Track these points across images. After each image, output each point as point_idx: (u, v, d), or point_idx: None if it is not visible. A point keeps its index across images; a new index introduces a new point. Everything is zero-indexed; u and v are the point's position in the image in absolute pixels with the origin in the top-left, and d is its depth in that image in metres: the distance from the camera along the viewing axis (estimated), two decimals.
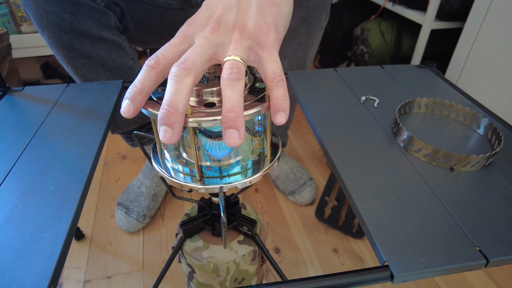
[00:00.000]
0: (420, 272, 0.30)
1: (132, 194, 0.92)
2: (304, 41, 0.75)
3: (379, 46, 1.32)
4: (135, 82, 0.29)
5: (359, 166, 0.41)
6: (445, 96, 0.56)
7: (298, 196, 0.97)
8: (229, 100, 0.27)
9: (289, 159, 1.05)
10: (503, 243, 0.32)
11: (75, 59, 0.66)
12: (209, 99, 0.31)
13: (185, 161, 0.36)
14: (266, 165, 0.36)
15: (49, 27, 0.61)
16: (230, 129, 0.27)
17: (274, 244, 0.87)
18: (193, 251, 0.48)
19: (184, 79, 0.27)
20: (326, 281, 0.30)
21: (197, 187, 0.34)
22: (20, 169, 0.39)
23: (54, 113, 0.50)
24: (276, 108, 0.29)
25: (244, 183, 0.35)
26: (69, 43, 0.64)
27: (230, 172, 0.35)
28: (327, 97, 0.54)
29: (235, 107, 0.27)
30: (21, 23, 1.23)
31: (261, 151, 0.38)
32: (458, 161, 0.40)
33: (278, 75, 0.29)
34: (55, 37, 0.62)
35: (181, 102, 0.27)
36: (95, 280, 0.78)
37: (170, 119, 0.27)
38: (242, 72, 0.28)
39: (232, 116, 0.27)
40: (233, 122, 0.27)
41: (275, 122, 0.29)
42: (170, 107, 0.26)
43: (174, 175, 0.35)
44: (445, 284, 0.78)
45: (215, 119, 0.29)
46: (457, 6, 1.06)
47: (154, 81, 0.29)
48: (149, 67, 0.29)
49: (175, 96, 0.27)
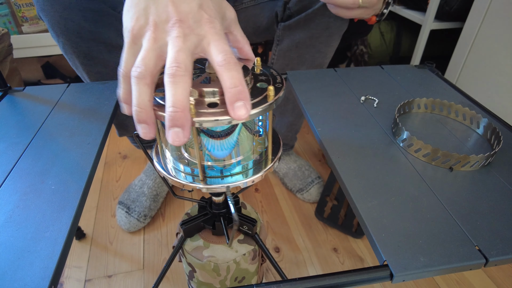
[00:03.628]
0: (420, 271, 0.30)
1: (134, 194, 0.93)
2: (323, 50, 0.75)
3: (379, 46, 1.32)
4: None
5: (358, 166, 0.41)
6: (444, 96, 0.56)
7: (306, 194, 0.98)
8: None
9: (297, 157, 1.06)
10: (502, 243, 0.32)
11: (91, 66, 0.66)
12: (211, 100, 0.31)
13: (187, 161, 0.37)
14: (267, 165, 0.37)
15: (66, 35, 0.60)
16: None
17: (274, 244, 0.87)
18: (193, 250, 0.48)
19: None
20: (326, 281, 0.30)
21: (199, 187, 0.34)
22: (21, 169, 0.39)
23: (55, 113, 0.50)
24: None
25: (245, 183, 0.35)
26: (87, 51, 0.63)
27: (231, 172, 0.36)
28: (327, 97, 0.54)
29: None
30: (22, 23, 1.23)
31: (263, 150, 0.38)
32: (458, 161, 0.40)
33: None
34: (71, 44, 0.61)
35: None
36: (96, 279, 0.78)
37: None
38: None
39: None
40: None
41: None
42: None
43: (176, 175, 0.36)
44: (445, 283, 0.78)
45: (219, 120, 0.28)
46: (456, 6, 1.07)
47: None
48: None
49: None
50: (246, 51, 0.36)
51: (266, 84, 0.33)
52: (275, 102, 0.31)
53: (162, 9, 0.29)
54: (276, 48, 0.78)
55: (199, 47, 0.29)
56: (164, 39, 0.29)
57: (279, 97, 0.32)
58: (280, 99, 0.32)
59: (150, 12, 0.29)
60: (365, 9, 0.56)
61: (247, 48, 0.36)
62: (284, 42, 0.75)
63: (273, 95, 0.31)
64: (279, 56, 0.78)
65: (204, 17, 0.29)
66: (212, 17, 0.30)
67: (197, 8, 0.29)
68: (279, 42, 0.76)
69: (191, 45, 0.28)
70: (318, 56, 0.76)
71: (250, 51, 0.37)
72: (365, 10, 0.56)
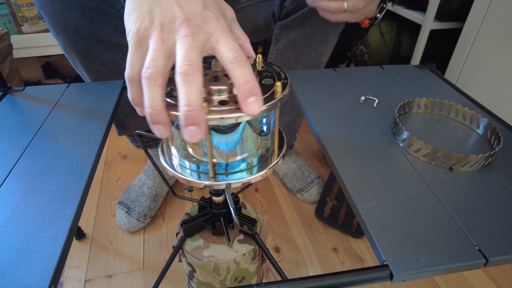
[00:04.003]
0: (420, 271, 0.30)
1: (134, 194, 0.93)
2: (320, 48, 0.75)
3: (379, 46, 1.32)
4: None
5: (358, 166, 0.41)
6: (444, 96, 0.56)
7: (305, 194, 0.98)
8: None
9: (297, 157, 1.06)
10: (502, 243, 0.32)
11: (90, 65, 0.66)
12: (220, 97, 0.31)
13: (195, 159, 0.37)
14: (272, 162, 0.37)
15: (65, 32, 0.60)
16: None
17: (274, 243, 0.87)
18: (193, 250, 0.48)
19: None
20: (326, 280, 0.30)
21: (204, 184, 0.34)
22: (21, 169, 0.39)
23: (55, 113, 0.50)
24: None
25: (250, 180, 0.35)
26: (85, 48, 0.63)
27: (236, 169, 0.36)
28: (327, 97, 0.54)
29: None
30: (22, 23, 1.23)
31: (268, 146, 0.38)
32: (458, 161, 0.40)
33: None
34: (71, 42, 0.62)
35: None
36: (95, 279, 0.78)
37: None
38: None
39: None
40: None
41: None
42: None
43: (183, 172, 0.36)
44: (445, 283, 0.78)
45: (231, 117, 0.28)
46: (456, 6, 1.07)
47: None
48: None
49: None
50: (246, 48, 0.37)
51: (271, 81, 0.33)
52: (283, 98, 0.31)
53: (168, 10, 0.29)
54: (273, 48, 0.78)
55: (207, 45, 0.29)
56: (172, 39, 0.29)
57: (287, 92, 0.32)
58: (287, 95, 0.32)
59: (155, 13, 0.29)
60: (351, 14, 0.56)
61: (247, 45, 0.37)
62: (281, 41, 0.76)
63: (280, 91, 0.31)
64: (277, 56, 0.78)
65: (209, 16, 0.30)
66: (217, 15, 0.30)
67: (202, 8, 0.30)
68: (276, 42, 0.77)
69: (200, 43, 0.29)
70: (314, 55, 0.76)
71: (251, 48, 0.37)
72: (352, 15, 0.56)
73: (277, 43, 0.76)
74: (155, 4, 0.30)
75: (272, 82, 0.33)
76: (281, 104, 0.32)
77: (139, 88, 0.29)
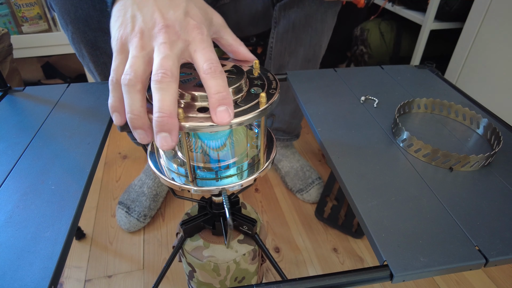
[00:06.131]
0: (420, 271, 0.30)
1: (134, 194, 0.93)
2: (319, 27, 0.76)
3: (379, 46, 1.32)
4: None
5: (358, 166, 0.41)
6: (444, 96, 0.56)
7: (305, 194, 0.98)
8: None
9: (300, 157, 1.06)
10: (502, 243, 0.32)
11: (97, 57, 0.66)
12: (202, 104, 0.31)
13: (180, 161, 0.37)
14: (259, 168, 0.37)
15: (75, 23, 0.60)
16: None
17: (274, 244, 0.87)
18: (193, 250, 0.48)
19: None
20: (326, 281, 0.30)
21: (187, 188, 0.34)
22: (21, 169, 0.39)
23: (55, 113, 0.50)
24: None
25: (239, 185, 0.35)
26: (94, 40, 0.63)
27: (226, 174, 0.36)
28: (327, 97, 0.54)
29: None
30: (22, 24, 1.23)
31: (257, 153, 0.39)
32: (458, 161, 0.40)
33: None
34: (80, 33, 0.62)
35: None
36: (95, 279, 0.78)
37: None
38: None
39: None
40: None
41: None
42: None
43: (169, 175, 0.36)
44: (445, 283, 0.78)
45: (206, 125, 0.28)
46: (456, 6, 1.07)
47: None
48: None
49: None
50: (242, 53, 0.37)
51: (260, 90, 0.33)
52: (268, 108, 0.31)
53: (149, 16, 0.30)
54: (273, 32, 0.79)
55: (186, 53, 0.30)
56: (151, 45, 0.29)
57: (272, 103, 0.32)
58: (274, 105, 0.32)
59: (136, 20, 0.30)
60: None
61: (242, 49, 0.36)
62: (281, 23, 0.76)
63: (264, 102, 0.31)
64: (277, 40, 0.78)
65: (190, 23, 0.30)
66: (199, 23, 0.30)
67: (183, 15, 0.30)
68: (276, 24, 0.77)
69: (177, 51, 0.29)
70: (314, 34, 0.77)
71: (247, 52, 0.37)
72: None
73: (277, 25, 0.77)
74: (137, 11, 0.30)
75: (260, 92, 0.33)
76: (269, 112, 0.32)
77: (121, 93, 0.29)
